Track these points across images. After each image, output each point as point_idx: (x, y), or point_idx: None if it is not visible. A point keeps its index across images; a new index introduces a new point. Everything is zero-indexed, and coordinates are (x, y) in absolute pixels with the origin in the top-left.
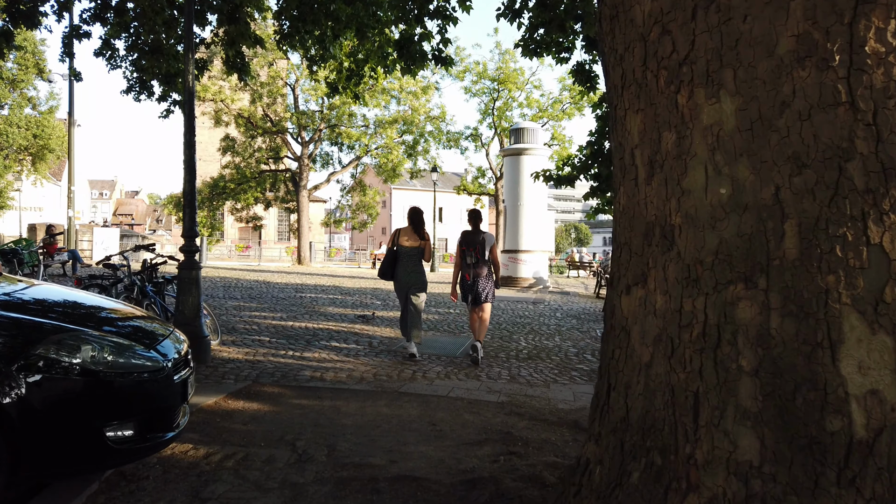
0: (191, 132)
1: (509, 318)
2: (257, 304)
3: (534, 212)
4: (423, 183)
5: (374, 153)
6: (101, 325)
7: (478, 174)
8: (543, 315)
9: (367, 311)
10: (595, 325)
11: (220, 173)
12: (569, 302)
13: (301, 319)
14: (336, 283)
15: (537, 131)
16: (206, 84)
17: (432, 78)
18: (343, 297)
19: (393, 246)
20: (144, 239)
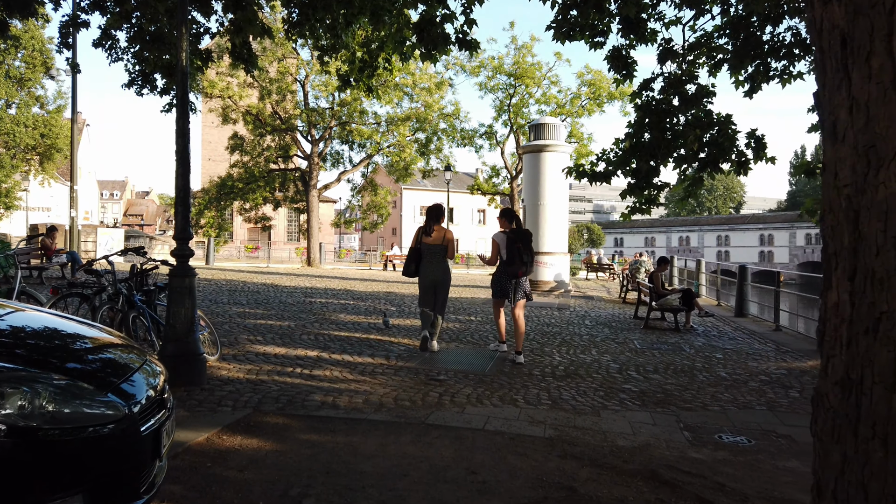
0: (184, 117)
1: (537, 327)
2: (263, 311)
3: (555, 212)
4: (434, 183)
5: (386, 151)
6: (45, 359)
7: (492, 173)
8: (572, 323)
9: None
10: (629, 334)
11: (228, 172)
12: (595, 308)
13: (311, 328)
14: (347, 287)
15: (559, 127)
16: (213, 80)
17: (446, 74)
18: (355, 303)
19: (417, 244)
20: (152, 240)
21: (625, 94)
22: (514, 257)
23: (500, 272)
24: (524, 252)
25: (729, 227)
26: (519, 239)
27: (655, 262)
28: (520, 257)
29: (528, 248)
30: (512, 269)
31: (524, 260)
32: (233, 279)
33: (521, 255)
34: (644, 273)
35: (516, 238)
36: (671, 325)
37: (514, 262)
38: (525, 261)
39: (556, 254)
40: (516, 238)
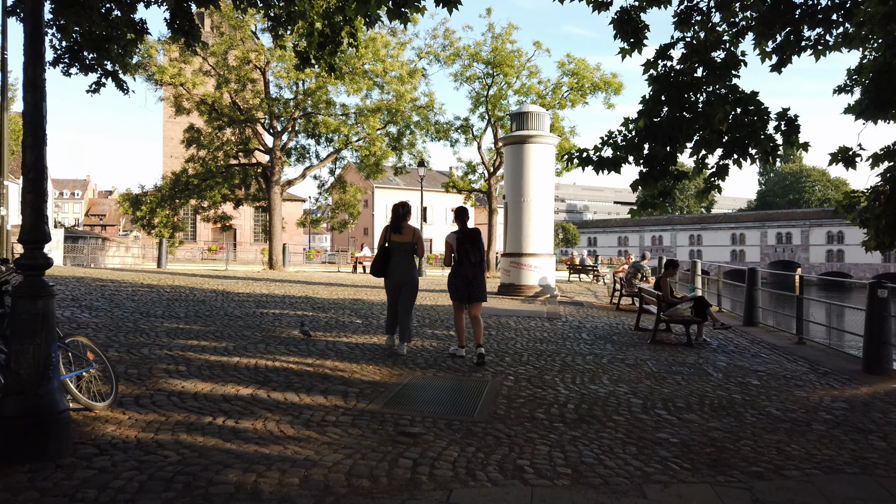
0: (36, 61)
1: (528, 344)
2: (201, 327)
3: (541, 210)
4: (406, 181)
5: (355, 145)
6: None
7: (467, 170)
8: (568, 338)
9: (305, 331)
10: (638, 352)
11: (183, 167)
12: (588, 317)
13: (253, 351)
14: (309, 293)
15: (543, 116)
16: (163, 66)
17: (419, 63)
18: (314, 315)
19: (385, 242)
20: (105, 241)
21: (610, 84)
22: (463, 258)
23: (453, 274)
24: (472, 252)
25: (701, 226)
26: (466, 239)
27: (662, 264)
28: (468, 258)
29: (475, 248)
30: (462, 270)
31: (472, 260)
32: (180, 285)
33: (469, 255)
34: (641, 277)
35: (464, 238)
36: (679, 337)
37: (463, 262)
38: (473, 261)
39: (542, 255)
40: (464, 238)
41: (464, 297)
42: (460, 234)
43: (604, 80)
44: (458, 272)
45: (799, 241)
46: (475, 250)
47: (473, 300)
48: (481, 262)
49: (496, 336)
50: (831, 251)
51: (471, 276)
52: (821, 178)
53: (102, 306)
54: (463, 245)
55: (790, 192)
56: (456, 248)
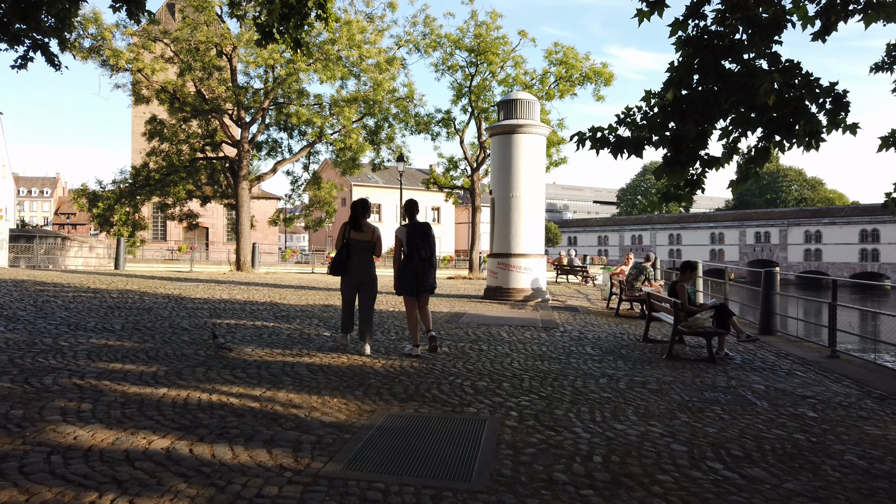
0: None
1: (528, 363)
2: (135, 344)
3: (531, 206)
4: (385, 179)
5: (329, 138)
6: None
7: (449, 166)
8: (571, 353)
9: (212, 335)
10: (657, 373)
11: (144, 161)
12: (587, 325)
13: (188, 379)
14: (275, 298)
15: (533, 104)
16: (118, 50)
17: (398, 52)
18: (275, 326)
19: (344, 239)
20: (65, 241)
21: (601, 74)
22: (413, 252)
23: (403, 268)
24: (422, 247)
25: (681, 225)
26: (417, 233)
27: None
28: (418, 252)
29: (425, 243)
30: (412, 265)
31: (422, 255)
32: (132, 289)
33: (420, 249)
34: (644, 280)
35: (414, 232)
36: (697, 351)
37: (412, 256)
38: (423, 256)
39: (533, 256)
40: (414, 232)
41: (414, 291)
42: (410, 227)
43: (593, 70)
44: (409, 266)
45: (777, 241)
46: (425, 245)
47: (423, 292)
48: (431, 257)
49: (488, 352)
50: (809, 250)
51: (421, 270)
52: (797, 178)
53: (26, 316)
54: (413, 239)
55: (767, 191)
56: (406, 241)
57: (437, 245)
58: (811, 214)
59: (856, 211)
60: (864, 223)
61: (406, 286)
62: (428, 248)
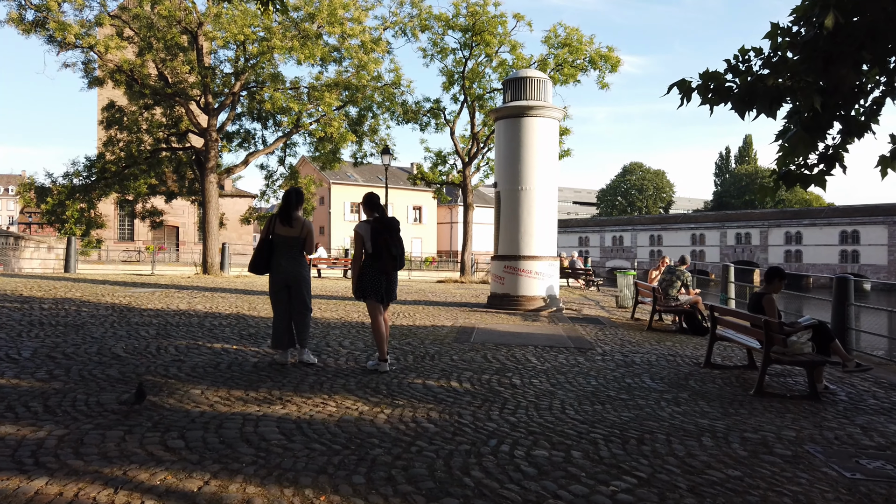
0: None
1: (585, 408)
2: (37, 382)
3: (544, 200)
4: (366, 177)
5: (307, 126)
6: None
7: (437, 160)
8: (631, 389)
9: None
10: (759, 417)
11: (100, 152)
12: (623, 343)
13: (86, 457)
14: (244, 308)
15: (545, 83)
16: (65, 22)
17: (384, 34)
18: (239, 350)
19: (269, 234)
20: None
21: (607, 59)
22: (381, 250)
23: (368, 269)
24: (391, 244)
25: (662, 226)
26: (385, 229)
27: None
28: (387, 250)
29: (395, 240)
30: (381, 265)
31: (393, 253)
32: (72, 297)
33: (389, 247)
34: (681, 287)
35: (382, 228)
36: (774, 377)
37: (381, 255)
38: (394, 254)
39: (545, 258)
40: (382, 228)
41: (383, 295)
42: (377, 223)
43: (599, 54)
44: (375, 267)
45: (758, 242)
46: (395, 241)
47: (391, 300)
48: (402, 256)
49: (525, 390)
50: (790, 251)
51: (391, 270)
52: None
53: None
54: (381, 236)
55: (746, 192)
56: (372, 239)
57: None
58: (792, 216)
59: (836, 212)
60: (845, 224)
61: (373, 290)
62: (398, 245)
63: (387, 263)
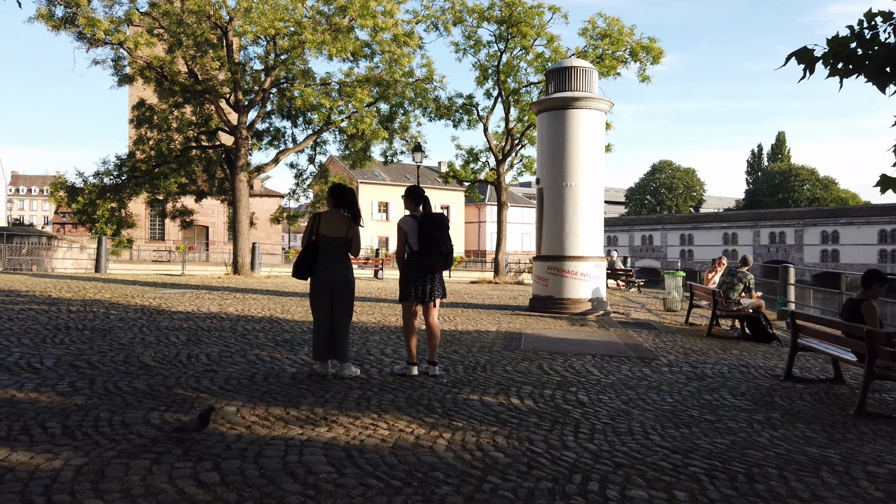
0: None
1: (669, 432)
2: (58, 397)
3: (589, 197)
4: (394, 176)
5: (338, 123)
6: None
7: (468, 158)
8: (714, 407)
9: (195, 419)
10: (874, 445)
11: (131, 151)
12: (686, 351)
13: (106, 494)
14: (276, 311)
15: (591, 73)
16: (95, 18)
17: (416, 29)
18: (276, 359)
19: (312, 236)
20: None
21: (649, 50)
22: (431, 248)
23: (411, 267)
24: (441, 242)
25: (692, 225)
26: (434, 225)
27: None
28: (437, 248)
29: (445, 237)
30: (428, 263)
31: (442, 251)
32: (101, 299)
33: (439, 245)
34: (743, 290)
35: (431, 224)
36: (861, 392)
37: (430, 253)
38: (444, 252)
39: (591, 259)
40: (431, 224)
41: (424, 296)
42: (426, 218)
43: (640, 45)
44: (422, 265)
45: (793, 241)
46: (445, 239)
47: (432, 298)
48: (451, 255)
49: (596, 408)
50: (826, 251)
51: (440, 269)
52: (810, 178)
53: None
54: (430, 231)
55: (779, 191)
56: (419, 235)
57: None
58: (827, 214)
59: (874, 211)
60: (884, 223)
61: (414, 289)
62: (448, 243)
63: (436, 262)
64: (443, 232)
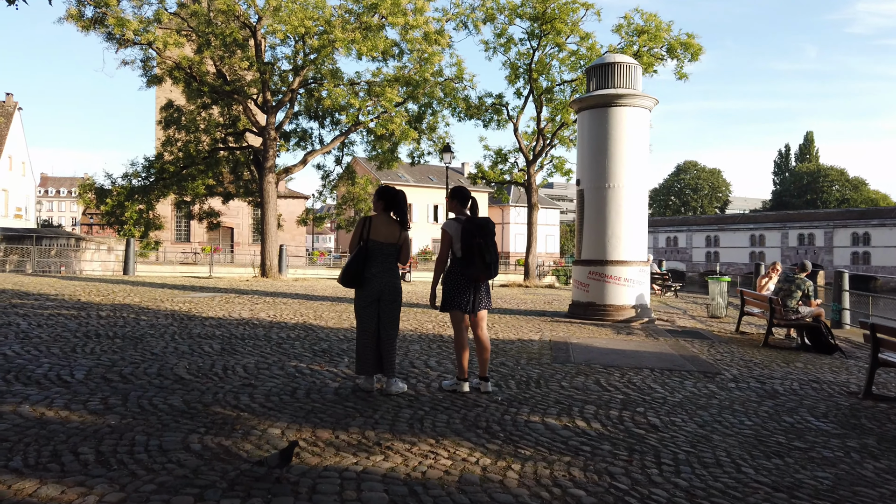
0: None
1: (761, 463)
2: (89, 416)
3: (633, 199)
4: (416, 177)
5: (368, 123)
6: None
7: (496, 159)
8: (799, 432)
9: (278, 455)
10: None
11: (159, 152)
12: (747, 364)
13: None
14: (309, 318)
15: (635, 69)
16: (124, 18)
17: (445, 27)
18: (315, 371)
19: (361, 240)
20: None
21: (688, 46)
22: (474, 255)
23: (455, 275)
24: (485, 250)
25: (718, 227)
26: (478, 232)
27: None
28: (480, 256)
29: (490, 244)
30: (471, 272)
31: (486, 260)
32: (130, 303)
33: (483, 253)
34: (802, 297)
35: (475, 230)
36: None
37: (472, 261)
38: (488, 261)
39: (635, 263)
40: (475, 230)
41: (470, 306)
42: (469, 223)
43: (679, 42)
44: (465, 273)
45: (822, 243)
46: (491, 246)
47: (478, 309)
48: (496, 264)
49: (671, 432)
50: (857, 253)
51: (483, 279)
52: (839, 178)
53: None
54: (474, 238)
55: (808, 192)
56: (464, 240)
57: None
58: (858, 216)
59: None
60: None
61: (460, 300)
62: (494, 250)
63: (479, 271)
64: (487, 239)
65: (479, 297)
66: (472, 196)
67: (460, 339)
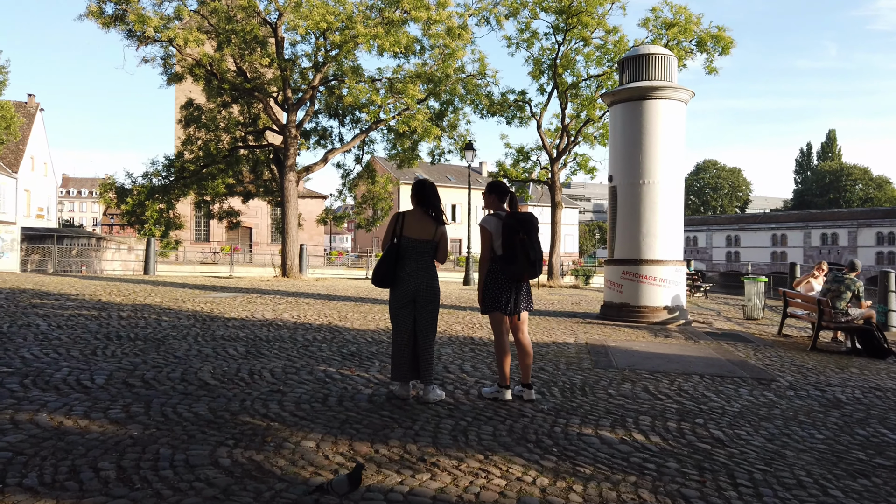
0: None
1: (852, 490)
2: (109, 426)
3: (668, 196)
4: (435, 177)
5: (388, 121)
6: None
7: (518, 156)
8: (880, 448)
9: (344, 479)
10: None
11: (179, 151)
12: (801, 371)
13: None
14: (334, 317)
15: (670, 61)
16: (145, 15)
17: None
18: (346, 376)
19: (394, 237)
20: (101, 242)
21: (719, 39)
22: (517, 253)
23: (493, 273)
24: (529, 247)
25: (739, 226)
26: (521, 227)
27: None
28: (524, 253)
29: (534, 241)
30: (513, 270)
31: (531, 258)
32: (151, 304)
33: (527, 250)
34: (852, 298)
35: (517, 225)
36: None
37: (515, 259)
38: (532, 259)
39: (670, 263)
40: (517, 225)
41: (511, 306)
42: (511, 219)
43: (709, 35)
44: (507, 272)
45: (846, 243)
46: (534, 244)
47: (521, 310)
48: (540, 262)
49: (733, 444)
50: (881, 252)
51: (526, 279)
52: (862, 177)
53: None
54: (517, 235)
55: (830, 191)
56: (504, 237)
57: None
58: (883, 215)
59: None
60: None
61: (501, 300)
62: (537, 248)
63: (522, 269)
64: (531, 235)
65: (521, 297)
66: (511, 190)
67: (501, 343)
